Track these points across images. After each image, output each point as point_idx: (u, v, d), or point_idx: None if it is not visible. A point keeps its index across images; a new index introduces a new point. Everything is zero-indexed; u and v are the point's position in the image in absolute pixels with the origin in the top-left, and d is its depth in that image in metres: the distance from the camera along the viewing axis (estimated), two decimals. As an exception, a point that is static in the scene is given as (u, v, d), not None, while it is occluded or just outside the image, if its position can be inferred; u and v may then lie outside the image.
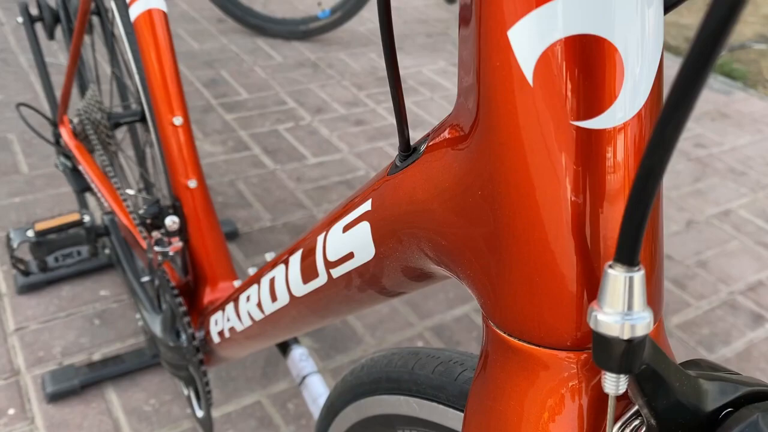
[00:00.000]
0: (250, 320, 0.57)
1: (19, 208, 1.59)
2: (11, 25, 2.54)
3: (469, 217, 0.28)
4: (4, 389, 1.17)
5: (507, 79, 0.25)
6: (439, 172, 0.30)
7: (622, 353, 0.23)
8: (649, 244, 0.26)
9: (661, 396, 0.24)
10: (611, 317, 0.23)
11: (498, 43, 0.25)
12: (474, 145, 0.28)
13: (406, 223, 0.32)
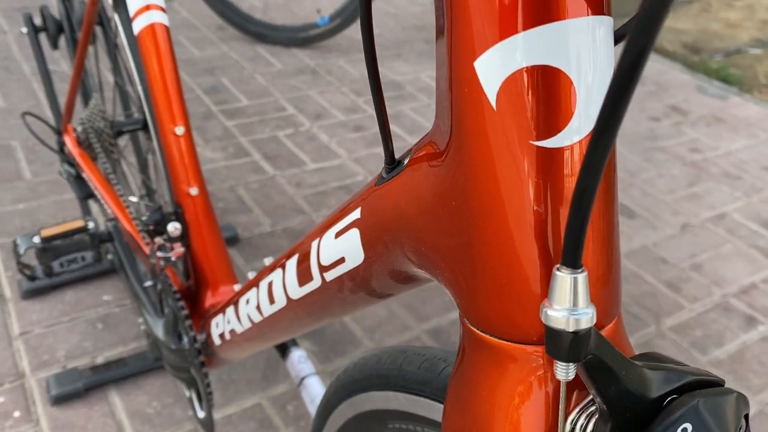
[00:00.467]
0: (250, 322, 0.59)
1: (23, 214, 1.62)
2: (14, 33, 2.57)
3: (445, 226, 0.31)
4: (9, 392, 1.19)
5: (474, 104, 0.27)
6: (419, 184, 0.33)
7: (569, 344, 0.25)
8: (601, 248, 0.28)
9: (610, 383, 0.27)
10: (559, 313, 0.25)
11: (466, 72, 0.27)
12: (448, 162, 0.30)
13: (391, 231, 0.35)
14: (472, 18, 0.26)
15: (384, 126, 0.35)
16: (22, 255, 0.93)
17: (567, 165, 0.27)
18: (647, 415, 0.27)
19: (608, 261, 0.29)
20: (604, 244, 0.28)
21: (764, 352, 1.41)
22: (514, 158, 0.27)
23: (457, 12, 0.27)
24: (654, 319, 1.47)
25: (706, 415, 0.27)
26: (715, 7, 3.78)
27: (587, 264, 0.28)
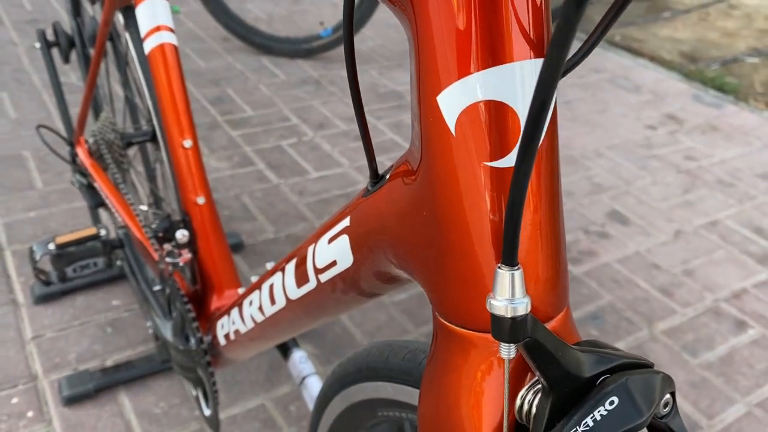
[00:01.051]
0: (253, 322, 0.64)
1: (35, 222, 1.67)
2: (24, 45, 2.64)
3: (418, 232, 0.36)
4: (23, 393, 1.24)
5: (437, 131, 0.32)
6: (397, 197, 0.37)
7: (509, 328, 0.30)
8: (543, 252, 0.33)
9: (549, 364, 0.31)
10: (500, 302, 0.29)
11: (430, 104, 0.32)
12: (419, 178, 0.35)
13: (375, 236, 0.40)
14: (437, 59, 0.31)
15: (368, 147, 0.40)
16: (38, 261, 0.98)
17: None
18: (583, 391, 0.32)
19: (550, 262, 0.33)
20: (547, 249, 0.33)
21: (753, 355, 1.45)
22: (472, 176, 0.32)
23: (423, 54, 0.32)
24: (647, 324, 1.51)
25: (632, 390, 0.31)
26: (713, 16, 3.83)
27: (530, 264, 0.32)
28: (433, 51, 0.31)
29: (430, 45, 0.31)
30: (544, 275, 0.33)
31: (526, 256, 0.32)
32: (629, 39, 3.33)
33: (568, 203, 1.91)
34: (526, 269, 0.32)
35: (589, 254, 1.71)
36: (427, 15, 0.31)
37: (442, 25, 0.30)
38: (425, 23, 0.31)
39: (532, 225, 0.32)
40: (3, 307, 1.41)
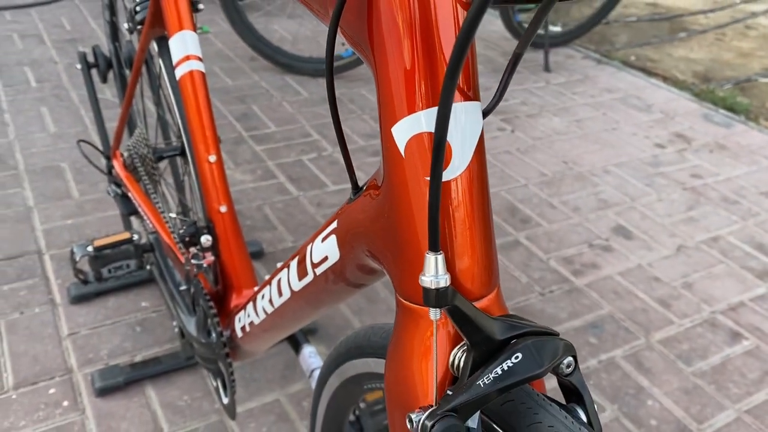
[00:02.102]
0: (264, 314, 0.74)
1: (72, 228, 1.80)
2: (64, 63, 2.80)
3: (382, 232, 0.45)
4: (59, 385, 1.35)
5: (392, 155, 0.42)
6: (368, 206, 0.47)
7: (434, 296, 0.39)
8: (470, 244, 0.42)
9: (469, 328, 0.40)
10: (427, 278, 0.39)
11: (387, 133, 0.42)
12: (383, 190, 0.45)
13: (355, 235, 0.50)
14: (393, 99, 0.41)
15: (348, 164, 0.50)
16: (78, 261, 1.09)
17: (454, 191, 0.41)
18: (497, 349, 0.41)
19: (478, 254, 0.42)
20: (476, 244, 0.42)
21: (745, 364, 1.52)
22: (417, 188, 0.41)
23: (382, 94, 0.41)
24: (644, 333, 1.58)
25: (534, 349, 0.40)
26: (729, 36, 3.88)
27: (462, 256, 0.42)
28: (390, 92, 0.41)
29: (387, 88, 0.41)
30: (473, 263, 0.42)
31: (459, 250, 0.41)
32: (644, 59, 3.40)
33: (575, 218, 1.99)
34: (459, 260, 0.41)
35: (592, 266, 1.79)
36: (385, 65, 0.40)
37: (395, 73, 0.40)
38: (383, 71, 0.41)
39: (462, 225, 0.41)
40: (42, 306, 1.53)
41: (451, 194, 0.40)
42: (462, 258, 0.42)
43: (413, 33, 0.38)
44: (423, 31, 0.38)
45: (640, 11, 4.24)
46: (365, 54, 0.43)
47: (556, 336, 0.42)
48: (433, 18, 0.38)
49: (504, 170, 2.23)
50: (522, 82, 2.93)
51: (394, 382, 0.45)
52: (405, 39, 0.39)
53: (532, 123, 2.58)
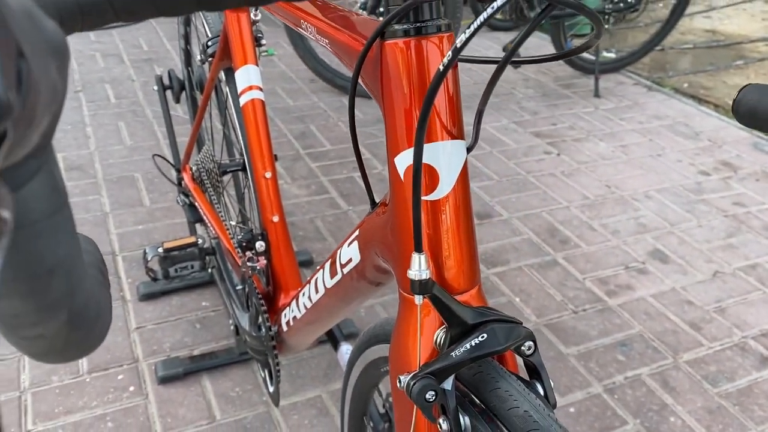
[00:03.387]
0: (304, 309, 0.86)
1: (142, 234, 1.98)
2: (140, 82, 3.03)
3: (389, 238, 0.57)
4: (126, 372, 1.51)
5: (395, 180, 0.53)
6: (380, 217, 0.59)
7: (418, 286, 0.50)
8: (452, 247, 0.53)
9: (447, 313, 0.51)
10: (412, 272, 0.50)
11: (391, 162, 0.53)
12: (389, 207, 0.57)
13: (370, 241, 0.61)
14: (396, 135, 0.52)
15: (367, 185, 0.61)
16: (149, 261, 1.24)
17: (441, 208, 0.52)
18: (469, 331, 0.52)
19: (460, 258, 0.53)
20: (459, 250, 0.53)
21: (773, 389, 1.56)
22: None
23: (388, 131, 0.53)
24: (672, 353, 1.64)
25: (497, 331, 0.51)
26: (789, 64, 3.85)
27: (447, 259, 0.52)
28: (394, 130, 0.53)
29: (391, 126, 0.53)
30: (455, 265, 0.53)
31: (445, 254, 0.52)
32: (697, 86, 3.42)
33: (613, 240, 2.06)
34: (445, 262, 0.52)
35: (626, 288, 1.86)
36: (391, 109, 0.52)
37: (397, 116, 0.52)
38: (389, 113, 0.53)
39: (447, 235, 0.52)
40: (114, 302, 1.71)
41: (439, 210, 0.52)
42: (447, 261, 0.53)
43: (411, 87, 0.50)
44: (418, 85, 0.50)
45: (697, 38, 4.24)
46: (377, 98, 0.55)
47: (519, 324, 0.53)
48: (426, 76, 0.50)
49: (547, 192, 2.31)
50: (571, 107, 3.01)
51: (392, 354, 0.57)
52: (405, 91, 0.50)
53: (579, 147, 2.65)
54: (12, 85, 0.20)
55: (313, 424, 1.41)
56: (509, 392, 0.48)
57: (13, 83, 0.20)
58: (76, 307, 0.31)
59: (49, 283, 0.28)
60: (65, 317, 0.30)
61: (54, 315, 0.29)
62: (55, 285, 0.28)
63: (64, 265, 0.28)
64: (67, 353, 0.34)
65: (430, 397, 0.49)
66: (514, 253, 1.99)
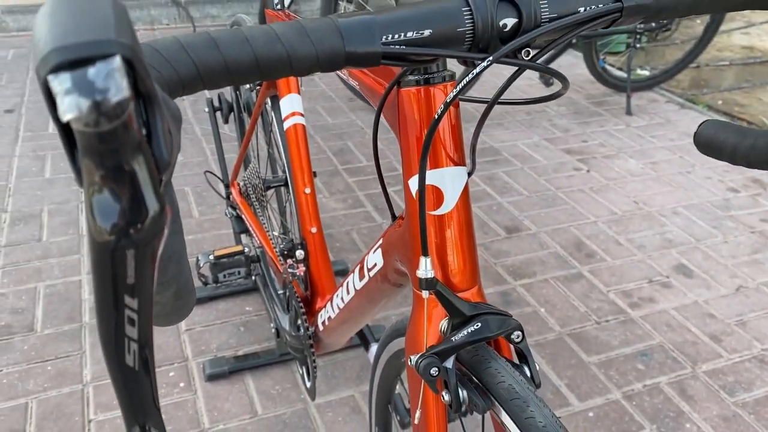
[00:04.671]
0: (338, 309, 0.98)
1: (191, 243, 2.13)
2: (189, 100, 3.21)
3: (405, 245, 0.68)
4: (177, 369, 1.65)
5: (408, 198, 0.65)
6: (399, 229, 0.70)
7: (425, 283, 0.61)
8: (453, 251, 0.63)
9: (449, 306, 0.62)
10: (420, 272, 0.60)
11: (406, 184, 0.65)
12: (405, 220, 0.68)
13: (391, 248, 0.73)
14: (410, 161, 0.63)
15: (387, 200, 0.73)
16: (201, 267, 1.38)
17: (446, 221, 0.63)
18: (467, 321, 0.62)
19: (460, 261, 0.64)
20: (458, 255, 0.63)
21: (789, 399, 1.61)
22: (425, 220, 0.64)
23: (403, 157, 0.65)
24: (691, 363, 1.70)
25: (490, 322, 0.62)
26: (827, 81, 3.84)
27: (451, 262, 0.63)
28: (408, 158, 0.64)
29: (406, 155, 0.64)
30: (458, 268, 0.64)
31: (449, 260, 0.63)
32: (732, 103, 3.45)
33: (638, 255, 2.13)
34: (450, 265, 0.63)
35: (649, 301, 1.93)
36: (406, 141, 0.64)
37: (411, 147, 0.63)
38: (405, 144, 0.64)
39: (450, 243, 0.63)
40: (166, 306, 1.86)
41: (444, 224, 0.63)
42: (451, 264, 0.64)
43: (421, 124, 0.61)
44: (427, 123, 0.61)
45: (734, 54, 4.26)
46: (395, 131, 0.66)
47: (509, 316, 0.63)
48: (433, 113, 0.61)
49: (575, 207, 2.39)
50: (603, 125, 3.08)
51: (407, 340, 0.68)
52: (416, 127, 0.62)
53: (608, 164, 2.72)
54: (171, 151, 0.33)
55: (346, 421, 1.52)
56: (498, 371, 0.58)
57: (171, 149, 0.33)
58: (181, 283, 0.43)
59: (168, 266, 0.40)
60: (174, 290, 0.43)
61: (168, 288, 0.42)
62: (171, 267, 0.40)
63: (176, 254, 0.40)
64: (172, 317, 0.46)
65: (434, 372, 0.60)
66: (540, 265, 2.07)
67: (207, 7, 4.29)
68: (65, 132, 0.29)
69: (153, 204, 0.31)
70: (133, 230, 0.31)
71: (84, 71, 0.27)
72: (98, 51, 0.27)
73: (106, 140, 0.28)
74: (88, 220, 0.30)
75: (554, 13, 0.48)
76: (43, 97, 0.28)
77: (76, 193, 2.40)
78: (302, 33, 0.42)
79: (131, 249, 0.32)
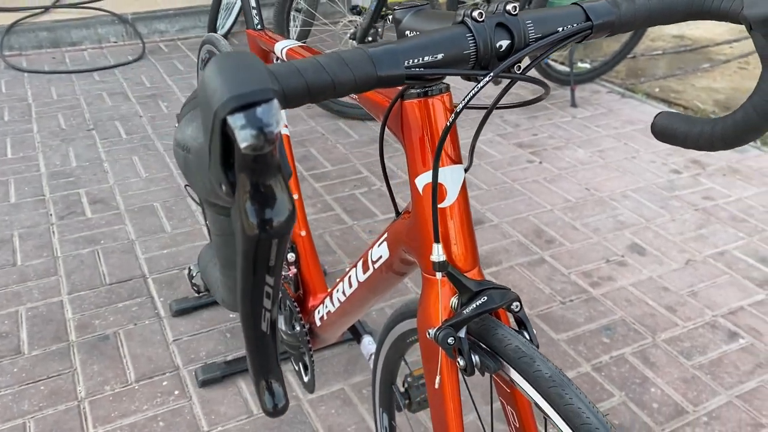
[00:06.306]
0: (338, 303, 1.06)
1: (167, 257, 2.18)
2: (147, 116, 3.24)
3: (413, 236, 0.77)
4: (170, 378, 1.71)
5: (416, 194, 0.74)
6: (405, 223, 0.80)
7: (438, 266, 0.70)
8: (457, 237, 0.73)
9: (458, 284, 0.71)
10: (434, 257, 0.70)
11: (413, 182, 0.74)
12: (412, 214, 0.77)
13: (398, 240, 0.82)
14: (415, 162, 0.73)
15: (392, 197, 0.82)
16: (194, 277, 1.44)
17: (449, 212, 0.73)
18: (474, 296, 0.72)
19: (463, 245, 0.73)
20: (461, 240, 0.73)
21: (740, 359, 1.77)
22: (429, 212, 0.73)
23: (409, 159, 0.74)
24: (651, 334, 1.85)
25: (493, 295, 0.71)
26: (752, 65, 4.11)
27: (455, 246, 0.73)
28: (413, 159, 0.73)
29: (412, 157, 0.73)
30: (461, 251, 0.73)
31: (453, 243, 0.73)
32: (667, 90, 3.66)
33: (594, 238, 2.27)
34: (454, 249, 0.73)
35: (608, 279, 2.07)
36: (411, 144, 0.73)
37: (416, 150, 0.73)
38: (410, 147, 0.73)
39: (454, 230, 0.72)
40: (150, 319, 1.90)
41: (448, 214, 0.73)
42: (456, 249, 0.73)
43: (424, 130, 0.71)
44: (429, 129, 0.71)
45: (666, 44, 4.50)
46: (398, 137, 0.75)
47: (508, 290, 0.73)
48: (434, 123, 0.71)
49: (532, 197, 2.53)
50: (550, 118, 3.24)
51: (421, 318, 0.77)
52: (420, 133, 0.71)
53: (559, 155, 2.87)
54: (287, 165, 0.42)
55: (339, 413, 1.60)
56: (505, 336, 0.68)
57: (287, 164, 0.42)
58: None
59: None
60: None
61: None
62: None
63: None
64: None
65: (451, 341, 0.69)
66: (505, 254, 2.20)
67: (155, 23, 4.30)
68: (224, 154, 0.38)
69: (288, 205, 0.40)
70: (276, 225, 0.39)
71: (253, 111, 0.35)
72: (262, 97, 0.36)
73: (260, 160, 0.37)
74: (242, 219, 0.39)
75: (539, 33, 0.58)
76: (217, 132, 0.37)
77: (44, 216, 2.41)
78: (342, 63, 0.50)
79: (275, 239, 0.40)
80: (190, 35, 4.48)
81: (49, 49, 4.20)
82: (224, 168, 0.38)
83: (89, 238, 2.28)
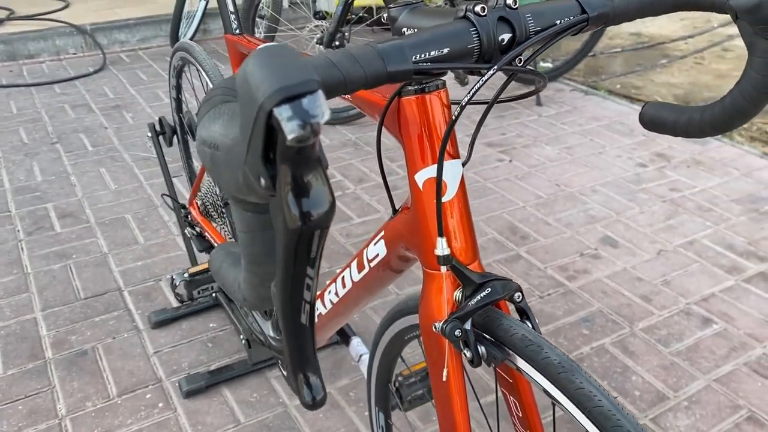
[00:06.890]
0: (331, 304, 1.06)
1: (142, 269, 2.14)
2: (113, 128, 3.18)
3: (413, 232, 0.78)
4: (153, 391, 1.68)
5: (415, 190, 0.75)
6: (403, 219, 0.80)
7: (442, 259, 0.71)
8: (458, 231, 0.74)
9: (462, 277, 0.72)
10: (438, 251, 0.71)
11: (412, 177, 0.75)
12: (411, 210, 0.78)
13: (396, 237, 0.82)
14: (414, 158, 0.74)
15: (389, 194, 0.82)
16: (177, 286, 1.42)
17: (450, 207, 0.73)
18: (477, 288, 0.73)
19: (464, 239, 0.74)
20: (463, 234, 0.74)
21: (715, 344, 1.82)
22: (430, 207, 0.74)
23: (407, 155, 0.75)
24: (628, 323, 1.89)
25: (496, 286, 0.72)
26: (707, 60, 4.23)
27: (457, 240, 0.74)
28: (412, 155, 0.74)
29: (410, 153, 0.74)
30: (462, 244, 0.74)
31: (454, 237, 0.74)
32: (628, 87, 3.75)
33: (567, 232, 2.31)
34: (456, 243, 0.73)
35: (583, 272, 2.11)
36: (409, 142, 0.74)
37: (415, 146, 0.73)
38: (408, 144, 0.74)
39: (455, 224, 0.73)
40: (129, 332, 1.87)
41: (448, 208, 0.73)
42: (458, 242, 0.74)
43: (422, 126, 0.72)
44: (427, 125, 0.72)
45: (624, 41, 4.60)
46: (396, 135, 0.76)
47: (510, 281, 0.74)
48: (431, 119, 0.71)
49: (504, 195, 2.56)
50: (517, 117, 3.28)
51: (424, 313, 0.78)
52: (418, 129, 0.72)
53: (527, 153, 2.91)
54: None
55: (327, 417, 1.60)
56: (510, 326, 0.69)
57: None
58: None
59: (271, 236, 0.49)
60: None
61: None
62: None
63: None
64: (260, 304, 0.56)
65: (458, 334, 0.70)
66: (482, 251, 2.22)
67: (115, 33, 4.23)
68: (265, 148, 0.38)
69: (328, 196, 0.40)
70: (318, 216, 0.39)
71: (299, 102, 0.35)
72: (307, 88, 0.36)
73: (302, 152, 0.37)
74: (285, 211, 0.39)
75: (538, 26, 0.59)
76: (261, 125, 0.36)
77: (12, 232, 2.35)
78: (353, 59, 0.51)
79: (317, 230, 0.40)
80: (151, 45, 4.42)
81: (5, 63, 4.10)
82: (264, 161, 0.38)
83: (60, 252, 2.23)
